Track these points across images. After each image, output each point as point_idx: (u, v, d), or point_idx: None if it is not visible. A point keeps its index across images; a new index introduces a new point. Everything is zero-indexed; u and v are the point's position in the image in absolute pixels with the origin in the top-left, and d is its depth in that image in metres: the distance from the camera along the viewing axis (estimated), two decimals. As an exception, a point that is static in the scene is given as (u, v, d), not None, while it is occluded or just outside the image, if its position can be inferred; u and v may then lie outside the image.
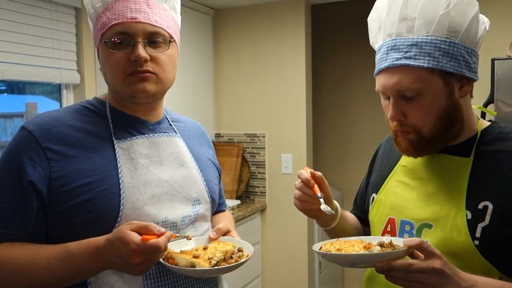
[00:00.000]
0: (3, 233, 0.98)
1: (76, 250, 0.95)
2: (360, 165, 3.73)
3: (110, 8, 1.07)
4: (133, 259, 0.90)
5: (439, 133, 1.04)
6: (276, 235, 3.32)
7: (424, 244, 0.91)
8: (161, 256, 0.95)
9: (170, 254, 1.02)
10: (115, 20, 1.05)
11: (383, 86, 1.04)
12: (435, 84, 1.00)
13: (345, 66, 3.83)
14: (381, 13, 1.07)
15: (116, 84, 1.08)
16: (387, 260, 0.91)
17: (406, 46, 1.00)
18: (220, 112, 3.44)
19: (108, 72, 1.08)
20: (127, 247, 0.90)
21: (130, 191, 1.04)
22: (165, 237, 0.93)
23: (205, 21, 3.30)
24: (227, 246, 1.08)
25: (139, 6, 1.07)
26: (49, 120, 1.06)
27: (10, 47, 2.13)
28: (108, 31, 1.06)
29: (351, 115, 3.86)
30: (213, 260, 1.00)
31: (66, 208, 1.00)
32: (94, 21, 1.11)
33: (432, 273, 0.89)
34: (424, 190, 1.10)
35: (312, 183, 1.16)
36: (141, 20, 1.05)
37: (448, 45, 0.99)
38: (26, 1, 2.20)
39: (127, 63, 1.05)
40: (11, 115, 2.42)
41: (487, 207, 1.00)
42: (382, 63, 1.04)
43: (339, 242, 1.04)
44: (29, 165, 0.99)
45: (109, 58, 1.06)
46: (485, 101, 2.28)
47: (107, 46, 1.05)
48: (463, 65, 1.01)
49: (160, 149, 1.14)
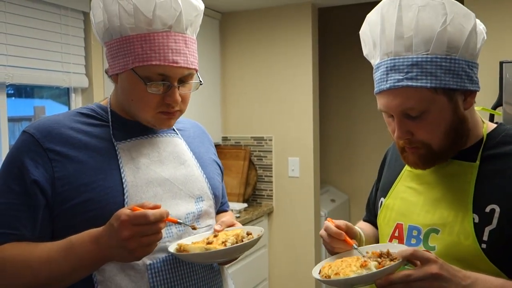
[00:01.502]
0: (11, 234, 0.99)
1: (76, 240, 0.96)
2: (367, 169, 3.72)
3: (148, 39, 1.04)
4: (123, 232, 0.89)
5: (448, 146, 1.03)
6: (283, 238, 3.31)
7: (418, 253, 0.91)
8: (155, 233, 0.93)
9: (182, 247, 1.03)
10: (156, 60, 1.03)
11: (386, 106, 1.03)
12: (440, 102, 0.99)
13: (352, 70, 3.83)
14: (375, 29, 1.05)
15: (141, 115, 1.09)
16: (385, 276, 0.91)
17: (407, 66, 0.98)
18: (227, 116, 3.45)
19: (137, 103, 1.08)
20: (118, 220, 0.90)
21: (133, 190, 1.05)
22: (157, 211, 0.92)
23: (212, 25, 3.32)
24: (237, 230, 1.10)
25: (179, 46, 1.06)
26: (49, 123, 1.07)
27: (19, 51, 2.15)
28: (146, 68, 1.04)
29: (358, 119, 3.86)
30: (228, 242, 1.02)
31: (70, 207, 1.01)
32: (119, 36, 1.06)
33: (431, 278, 0.89)
34: (431, 195, 1.09)
35: (343, 236, 1.10)
36: (181, 65, 1.06)
37: (449, 62, 0.98)
38: (35, 6, 2.22)
39: (159, 101, 1.07)
40: (19, 118, 2.45)
41: (494, 210, 0.99)
42: (383, 84, 1.02)
43: (336, 263, 1.03)
44: (32, 165, 1.01)
45: (141, 92, 1.06)
46: (493, 103, 2.27)
47: (145, 85, 1.04)
48: (465, 79, 0.99)
49: (160, 148, 1.15)
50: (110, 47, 1.09)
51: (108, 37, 1.09)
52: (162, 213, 0.93)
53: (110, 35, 1.08)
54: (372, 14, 1.07)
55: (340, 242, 1.11)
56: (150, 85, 1.05)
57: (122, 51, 1.06)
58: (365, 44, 1.11)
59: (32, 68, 2.22)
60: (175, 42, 1.06)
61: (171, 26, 1.05)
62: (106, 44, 1.11)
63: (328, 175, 4.00)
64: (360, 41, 1.15)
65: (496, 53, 2.50)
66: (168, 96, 1.06)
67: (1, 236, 0.99)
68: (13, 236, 0.99)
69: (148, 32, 1.04)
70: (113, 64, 1.09)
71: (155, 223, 0.92)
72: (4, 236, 0.99)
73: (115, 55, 1.08)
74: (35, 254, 0.97)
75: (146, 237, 0.92)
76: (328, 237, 1.12)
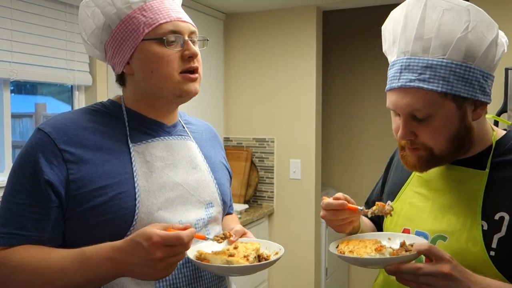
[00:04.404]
0: (21, 235, 0.98)
1: (91, 254, 0.94)
2: (369, 171, 3.72)
3: (146, 8, 1.08)
4: (155, 253, 0.88)
5: (450, 152, 1.03)
6: (283, 240, 3.30)
7: (434, 249, 0.92)
8: (183, 253, 0.93)
9: (203, 255, 1.03)
10: (162, 19, 1.07)
11: (394, 105, 1.03)
12: (448, 108, 0.98)
13: (355, 73, 3.83)
14: (397, 27, 1.04)
15: (166, 84, 1.08)
16: (396, 264, 0.93)
17: (421, 67, 0.98)
18: (230, 116, 3.45)
19: (159, 69, 1.07)
20: (149, 240, 0.88)
21: (145, 195, 1.04)
22: (189, 231, 0.92)
23: (216, 26, 3.31)
24: (255, 244, 1.10)
25: (175, 7, 1.12)
26: (65, 121, 1.06)
27: (24, 48, 2.15)
28: (157, 30, 1.07)
29: (360, 121, 3.85)
30: (250, 257, 1.02)
31: (83, 211, 0.99)
32: (118, 22, 1.09)
33: (441, 277, 0.90)
34: (439, 201, 1.09)
35: (346, 204, 1.12)
36: (185, 20, 1.11)
37: (464, 69, 0.97)
38: (41, 2, 2.22)
39: (179, 60, 1.07)
40: (20, 115, 2.44)
41: (504, 218, 0.99)
42: (395, 82, 1.02)
43: (354, 241, 1.08)
44: (46, 166, 0.99)
45: (161, 55, 1.06)
46: (498, 110, 2.27)
47: (164, 43, 1.06)
48: (477, 89, 0.98)
49: (174, 152, 1.14)
50: (113, 38, 1.10)
51: (108, 33, 1.11)
52: (193, 233, 0.93)
53: (108, 29, 1.10)
54: (397, 11, 1.06)
55: (345, 213, 1.12)
56: (167, 42, 1.06)
57: (127, 31, 1.08)
58: (385, 40, 1.11)
59: (36, 65, 2.21)
60: (171, 5, 1.11)
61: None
62: (108, 42, 1.11)
63: (329, 178, 3.99)
64: (365, 43, 1.15)
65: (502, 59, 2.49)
66: (186, 50, 1.08)
67: (12, 237, 0.97)
68: (24, 237, 0.98)
69: (143, 3, 1.09)
70: (122, 53, 1.09)
71: (187, 243, 0.91)
72: (16, 237, 0.98)
73: (121, 41, 1.09)
74: (48, 262, 0.95)
75: (174, 257, 0.91)
76: (331, 213, 1.12)
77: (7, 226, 0.98)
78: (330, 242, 1.24)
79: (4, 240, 0.97)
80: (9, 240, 0.97)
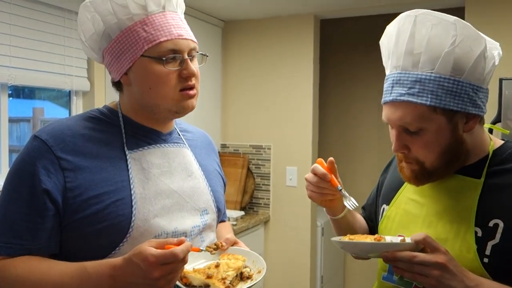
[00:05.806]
0: (18, 244, 0.97)
1: (93, 270, 0.93)
2: (366, 179, 3.73)
3: (148, 22, 1.06)
4: (152, 274, 0.88)
5: (441, 166, 1.05)
6: (278, 247, 3.31)
7: (428, 239, 0.95)
8: (181, 267, 0.93)
9: (184, 273, 1.02)
10: (163, 36, 1.05)
11: (387, 118, 1.06)
12: (438, 121, 1.00)
13: (352, 81, 3.85)
14: (390, 41, 1.06)
15: (163, 101, 1.08)
16: (392, 251, 0.95)
17: (410, 82, 1.00)
18: (227, 123, 3.46)
19: (156, 87, 1.06)
20: (145, 261, 0.87)
21: (141, 202, 1.04)
22: (184, 246, 0.91)
23: (215, 33, 3.33)
24: (238, 262, 1.09)
25: (177, 22, 1.09)
26: (62, 129, 1.05)
27: (22, 53, 2.15)
28: (156, 47, 1.05)
29: (358, 130, 3.87)
30: (227, 280, 1.01)
31: (79, 218, 0.99)
32: (118, 32, 1.08)
33: (435, 266, 0.92)
34: (434, 208, 1.10)
35: (329, 177, 1.15)
36: (186, 37, 1.09)
37: (452, 83, 0.98)
38: (40, 8, 2.23)
39: (177, 78, 1.07)
40: (18, 119, 2.44)
41: (498, 225, 0.99)
42: (387, 96, 1.05)
43: (355, 236, 1.12)
44: (44, 174, 0.98)
45: (158, 73, 1.05)
46: (492, 120, 2.28)
47: (162, 62, 1.05)
48: (467, 102, 0.99)
49: (170, 159, 1.14)
50: (112, 48, 1.08)
51: (107, 41, 1.09)
52: (188, 247, 0.92)
53: (108, 37, 1.08)
54: (390, 26, 1.08)
55: (326, 183, 1.16)
56: (166, 62, 1.05)
57: (126, 43, 1.06)
58: (383, 55, 1.13)
59: (34, 70, 2.22)
60: (173, 19, 1.09)
61: (164, 6, 1.09)
62: (106, 50, 1.10)
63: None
64: (362, 52, 1.17)
65: (496, 70, 2.51)
66: (184, 69, 1.07)
67: (11, 247, 0.97)
68: (22, 247, 0.97)
69: (145, 16, 1.07)
70: (120, 64, 1.08)
71: (183, 258, 0.91)
72: (15, 246, 0.97)
73: (120, 53, 1.07)
74: (48, 277, 0.94)
75: (173, 273, 0.91)
76: (314, 178, 1.16)
77: (4, 235, 0.97)
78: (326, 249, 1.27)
79: (2, 250, 0.97)
80: (7, 250, 0.97)
